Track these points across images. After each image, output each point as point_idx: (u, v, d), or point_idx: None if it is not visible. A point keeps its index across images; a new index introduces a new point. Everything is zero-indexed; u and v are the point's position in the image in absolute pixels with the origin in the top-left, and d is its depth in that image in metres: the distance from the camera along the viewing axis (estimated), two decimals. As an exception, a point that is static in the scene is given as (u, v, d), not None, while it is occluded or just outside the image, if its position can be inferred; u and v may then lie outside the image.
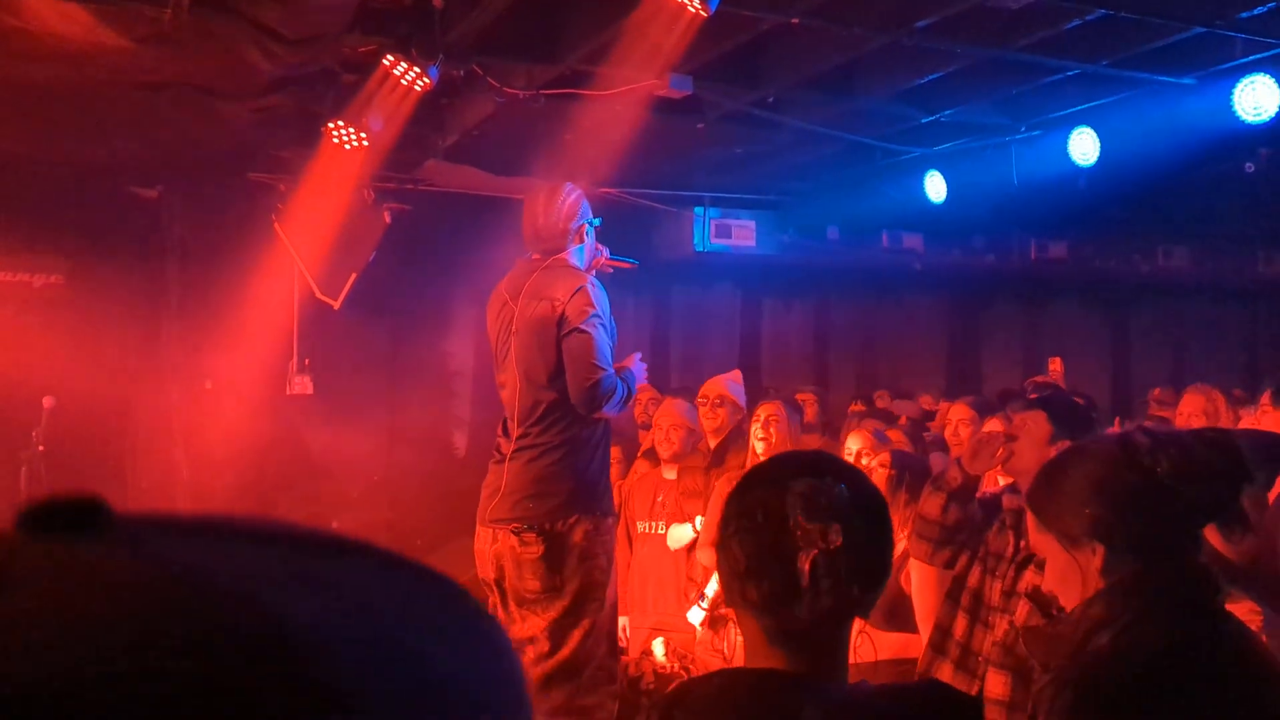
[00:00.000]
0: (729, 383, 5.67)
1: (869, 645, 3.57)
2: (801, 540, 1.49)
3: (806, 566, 1.47)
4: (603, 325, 3.53)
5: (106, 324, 6.27)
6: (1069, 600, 1.71)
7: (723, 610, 4.63)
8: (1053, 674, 1.70)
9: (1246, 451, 1.72)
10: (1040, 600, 2.98)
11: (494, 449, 3.81)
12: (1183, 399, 5.54)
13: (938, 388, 8.18)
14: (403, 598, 0.47)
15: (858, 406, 7.70)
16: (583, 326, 3.48)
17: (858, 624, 1.74)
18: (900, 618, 3.55)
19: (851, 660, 1.59)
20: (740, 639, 4.64)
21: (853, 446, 4.31)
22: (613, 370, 3.55)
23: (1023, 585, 3.16)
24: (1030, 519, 1.80)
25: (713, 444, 5.53)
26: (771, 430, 4.62)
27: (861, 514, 1.52)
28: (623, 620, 5.22)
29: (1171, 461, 1.61)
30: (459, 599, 0.49)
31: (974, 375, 9.32)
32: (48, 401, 5.79)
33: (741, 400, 5.71)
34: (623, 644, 5.19)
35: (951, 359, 9.62)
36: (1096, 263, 9.14)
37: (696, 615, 4.75)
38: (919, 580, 3.45)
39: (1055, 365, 7.69)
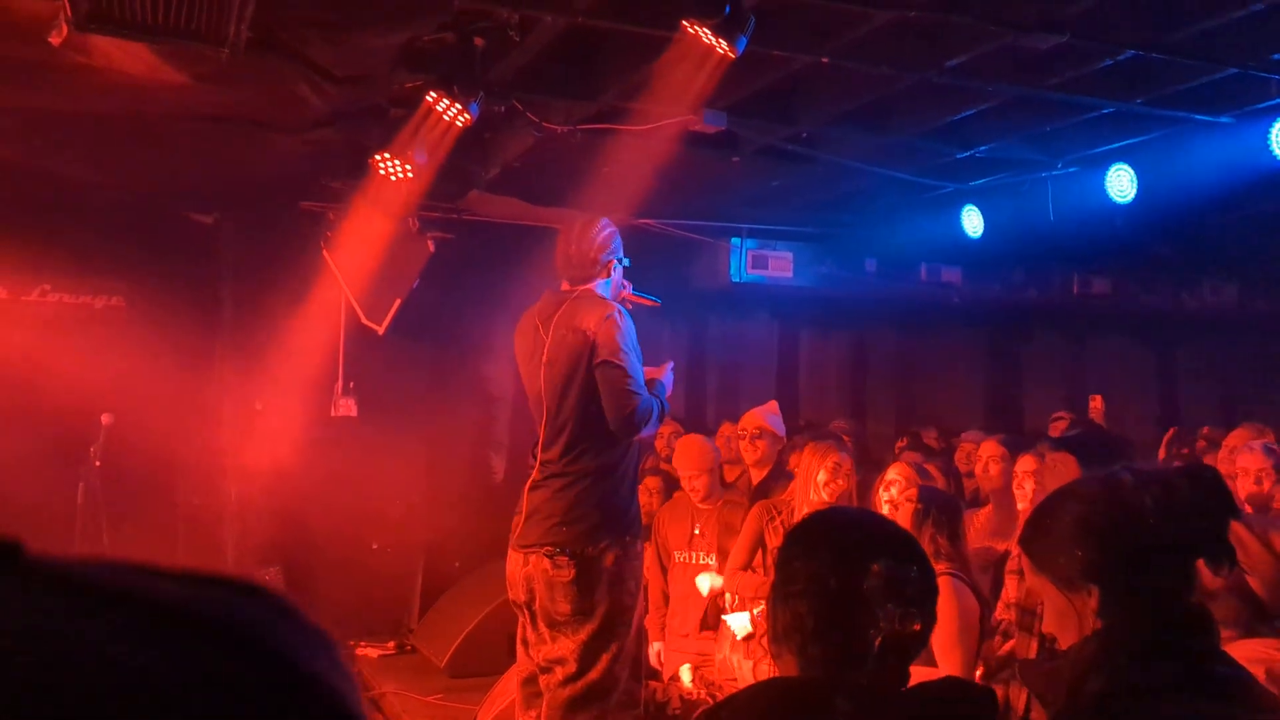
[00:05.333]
0: (767, 415, 5.68)
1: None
2: (883, 620, 1.56)
3: (878, 643, 1.55)
4: (633, 352, 3.65)
5: (163, 345, 6.45)
6: (1067, 642, 1.68)
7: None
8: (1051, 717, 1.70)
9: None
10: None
11: (527, 474, 3.92)
12: (1232, 433, 5.52)
13: (977, 422, 8.14)
14: None
15: (903, 443, 7.70)
16: (614, 356, 3.60)
17: None
18: None
19: None
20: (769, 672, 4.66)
21: (893, 476, 4.36)
22: (647, 393, 3.66)
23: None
24: (1025, 563, 1.79)
25: (755, 478, 5.53)
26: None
27: (928, 597, 1.62)
28: (656, 646, 5.26)
29: (1155, 498, 1.60)
30: None
31: (1014, 410, 9.25)
32: (106, 419, 5.99)
33: (780, 431, 5.72)
34: (656, 669, 5.23)
35: (990, 393, 9.56)
36: (1140, 298, 9.04)
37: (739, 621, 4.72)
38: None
39: (1096, 403, 7.66)
